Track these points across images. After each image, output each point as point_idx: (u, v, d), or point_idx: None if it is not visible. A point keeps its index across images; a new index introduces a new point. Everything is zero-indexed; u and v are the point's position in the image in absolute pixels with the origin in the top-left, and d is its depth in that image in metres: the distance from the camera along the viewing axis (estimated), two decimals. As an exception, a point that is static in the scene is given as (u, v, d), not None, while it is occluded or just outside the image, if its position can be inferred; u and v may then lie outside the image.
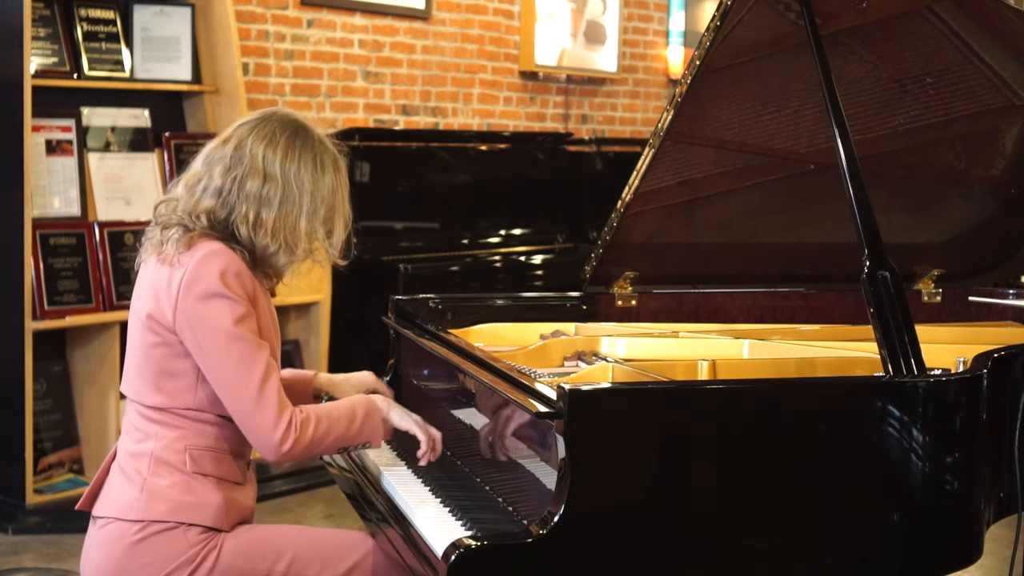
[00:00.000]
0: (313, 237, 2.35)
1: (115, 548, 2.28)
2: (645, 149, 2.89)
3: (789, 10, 2.73)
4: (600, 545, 2.02)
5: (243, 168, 2.31)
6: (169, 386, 2.30)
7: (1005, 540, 2.63)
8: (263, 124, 2.36)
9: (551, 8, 6.81)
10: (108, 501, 2.34)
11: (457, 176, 5.96)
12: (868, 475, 2.18)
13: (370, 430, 2.38)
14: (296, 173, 2.32)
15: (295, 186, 2.32)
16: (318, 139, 2.39)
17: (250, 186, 2.30)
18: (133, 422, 2.36)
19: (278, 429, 2.23)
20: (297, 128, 2.37)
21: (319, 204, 2.34)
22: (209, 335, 2.24)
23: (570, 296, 3.24)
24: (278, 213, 2.30)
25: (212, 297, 2.24)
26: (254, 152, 2.32)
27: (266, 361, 2.25)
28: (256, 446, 2.28)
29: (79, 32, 4.74)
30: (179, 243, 2.28)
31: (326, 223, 2.37)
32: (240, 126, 2.37)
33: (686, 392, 2.20)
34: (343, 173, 2.42)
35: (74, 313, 4.51)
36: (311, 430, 2.28)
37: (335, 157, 2.40)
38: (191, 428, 2.31)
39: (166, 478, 2.29)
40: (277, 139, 2.33)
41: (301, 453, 2.29)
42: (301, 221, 2.33)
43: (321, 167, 2.35)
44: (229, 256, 2.28)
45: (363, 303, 5.36)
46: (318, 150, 2.37)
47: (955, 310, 3.49)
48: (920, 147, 3.23)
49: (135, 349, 2.36)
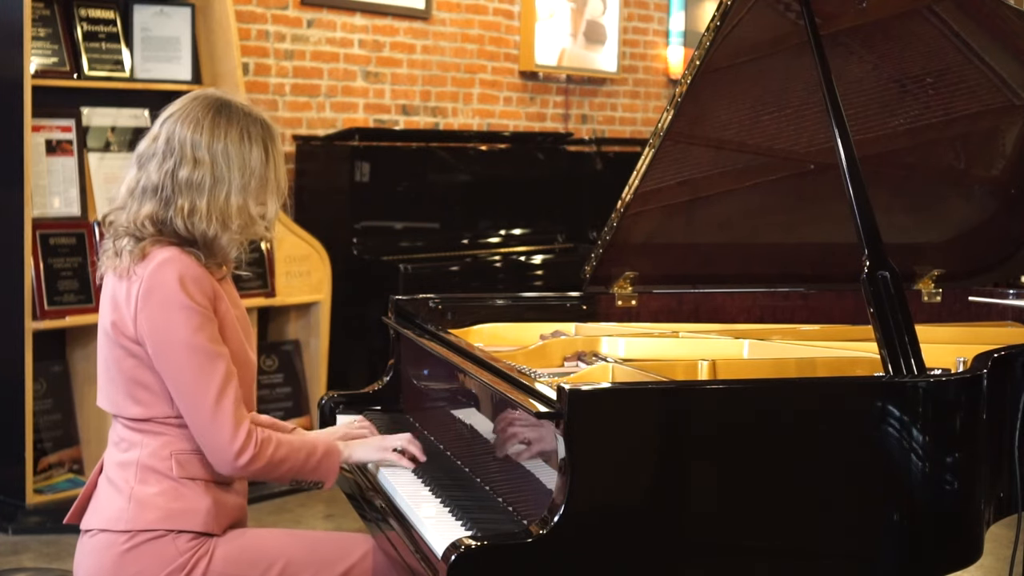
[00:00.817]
0: (246, 211, 2.32)
1: (105, 557, 2.27)
2: (645, 149, 2.89)
3: (789, 10, 2.73)
4: (600, 545, 2.02)
5: (174, 159, 2.29)
6: (144, 397, 2.29)
7: (1005, 540, 2.63)
8: (187, 110, 2.33)
9: (551, 8, 6.81)
10: (96, 512, 2.33)
11: (457, 176, 5.96)
12: (868, 475, 2.18)
13: (325, 470, 2.38)
14: (224, 150, 2.29)
15: (223, 163, 2.29)
16: (244, 112, 2.35)
17: (182, 175, 2.28)
18: (118, 433, 2.35)
19: (235, 441, 2.23)
20: (220, 106, 2.34)
21: (249, 178, 2.31)
22: (166, 345, 2.22)
23: (570, 296, 3.24)
24: (210, 195, 2.28)
25: (169, 306, 2.22)
26: (182, 140, 2.29)
27: (224, 372, 2.24)
28: (212, 459, 2.26)
29: (79, 32, 4.74)
30: (132, 254, 2.27)
31: (258, 196, 2.34)
32: (166, 119, 2.34)
33: (686, 392, 2.20)
34: (275, 142, 2.38)
35: (74, 313, 4.51)
36: (271, 450, 2.27)
37: (263, 126, 2.36)
38: (175, 433, 2.29)
39: (153, 486, 2.28)
40: (202, 122, 2.31)
41: (258, 471, 2.28)
42: (232, 197, 2.29)
43: (248, 140, 2.32)
44: (184, 261, 2.26)
45: (363, 303, 5.36)
46: (244, 123, 2.33)
47: (955, 310, 3.49)
48: (920, 147, 3.23)
49: (106, 363, 2.34)
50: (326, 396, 3.02)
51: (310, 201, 5.61)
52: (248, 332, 2.41)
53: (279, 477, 2.33)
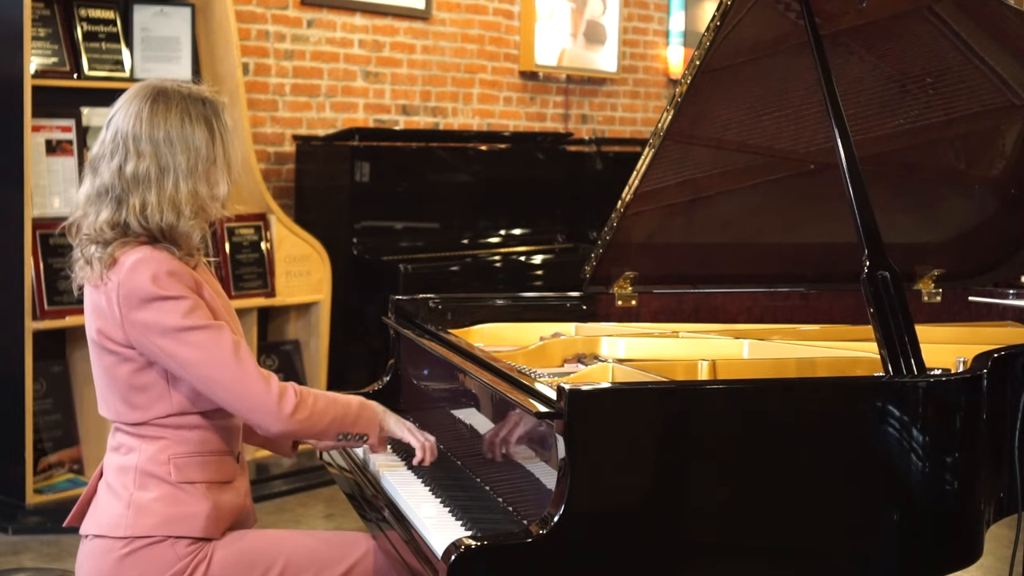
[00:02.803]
0: (197, 194, 2.28)
1: (103, 562, 2.26)
2: (645, 149, 2.89)
3: (789, 10, 2.73)
4: (600, 545, 2.02)
5: (120, 155, 2.26)
6: (142, 400, 2.27)
7: (1005, 540, 2.63)
8: (126, 105, 2.30)
9: (551, 8, 6.81)
10: (95, 518, 2.32)
11: (457, 176, 5.96)
12: (868, 475, 2.18)
13: (366, 421, 2.36)
14: (165, 137, 2.26)
15: (166, 151, 2.25)
16: (182, 95, 2.30)
17: (129, 170, 2.25)
18: (117, 438, 2.34)
19: (271, 394, 2.21)
20: (158, 93, 2.29)
21: (195, 160, 2.27)
22: (165, 338, 2.20)
23: (570, 296, 3.24)
24: (158, 187, 2.25)
25: (151, 303, 2.20)
26: (124, 134, 2.26)
27: (229, 336, 2.22)
28: (258, 419, 2.23)
29: (79, 32, 4.74)
30: (102, 261, 2.25)
31: (208, 176, 2.30)
32: (111, 117, 2.32)
33: (686, 392, 2.19)
34: (220, 118, 2.33)
35: (74, 313, 4.50)
36: (311, 400, 2.26)
37: (204, 104, 2.31)
38: (173, 436, 2.28)
39: (152, 491, 2.26)
40: (141, 112, 2.27)
41: (306, 421, 2.25)
42: (180, 183, 2.26)
43: (190, 121, 2.28)
44: (155, 258, 2.23)
45: (363, 303, 5.36)
46: (183, 105, 2.29)
47: (955, 310, 3.49)
48: (920, 147, 3.23)
49: (99, 372, 2.33)
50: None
51: (310, 201, 5.62)
52: (234, 320, 2.38)
53: (325, 429, 2.30)
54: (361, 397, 2.42)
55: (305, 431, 2.30)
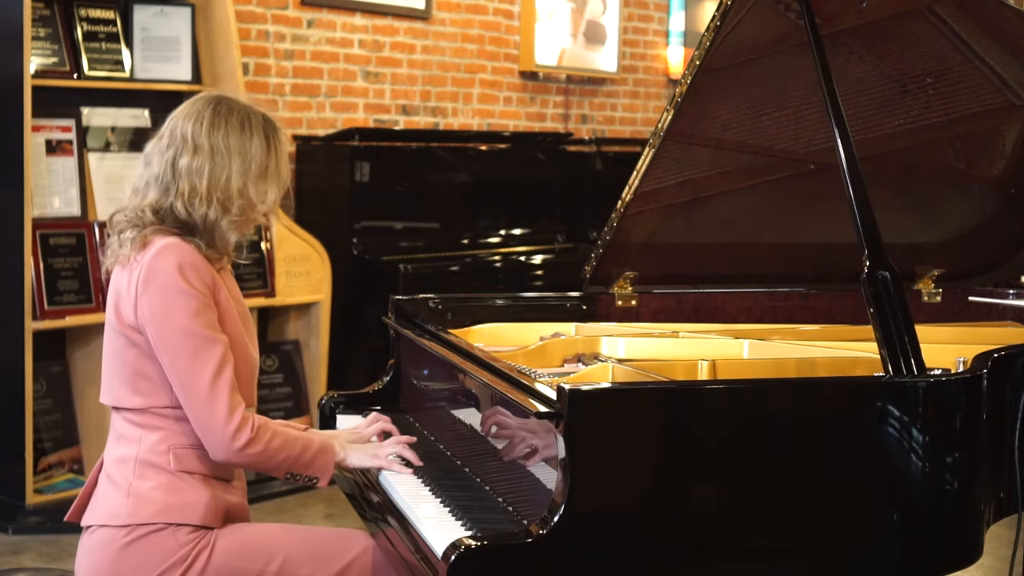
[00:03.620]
0: (246, 194, 2.36)
1: (105, 553, 2.27)
2: (645, 149, 2.89)
3: (789, 10, 2.73)
4: (600, 545, 2.02)
5: (175, 148, 2.35)
6: (146, 387, 2.31)
7: (1005, 540, 2.63)
8: (189, 106, 2.41)
9: (551, 8, 6.81)
10: (96, 509, 2.34)
11: (457, 176, 5.96)
12: (868, 475, 2.18)
13: (320, 465, 2.38)
14: (224, 137, 2.35)
15: (223, 148, 2.34)
16: (244, 106, 2.41)
17: (182, 163, 2.33)
18: (118, 429, 2.36)
19: (231, 424, 2.23)
20: (221, 99, 2.41)
21: (250, 162, 2.36)
22: (164, 330, 2.25)
23: (570, 296, 3.24)
24: (209, 178, 2.33)
25: (168, 291, 2.25)
26: (183, 132, 2.36)
27: (220, 357, 2.26)
28: (207, 443, 2.27)
29: (79, 32, 4.74)
30: (134, 243, 2.31)
31: (259, 181, 2.37)
32: (170, 118, 2.41)
33: (686, 392, 2.19)
34: (278, 136, 2.43)
35: (74, 313, 4.51)
36: (267, 437, 2.28)
37: (265, 119, 2.42)
38: (173, 427, 2.31)
39: (151, 480, 2.29)
40: (202, 113, 2.37)
41: (254, 457, 2.28)
42: (233, 179, 2.34)
43: (249, 129, 2.38)
44: (183, 249, 2.29)
45: (363, 303, 5.36)
46: (244, 114, 2.39)
47: (955, 310, 3.49)
48: (920, 147, 3.23)
49: (109, 355, 2.37)
50: (326, 396, 3.02)
51: (310, 201, 5.61)
52: (249, 327, 2.43)
53: (274, 467, 2.33)
54: (325, 438, 2.43)
55: (251, 467, 2.35)
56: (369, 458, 2.45)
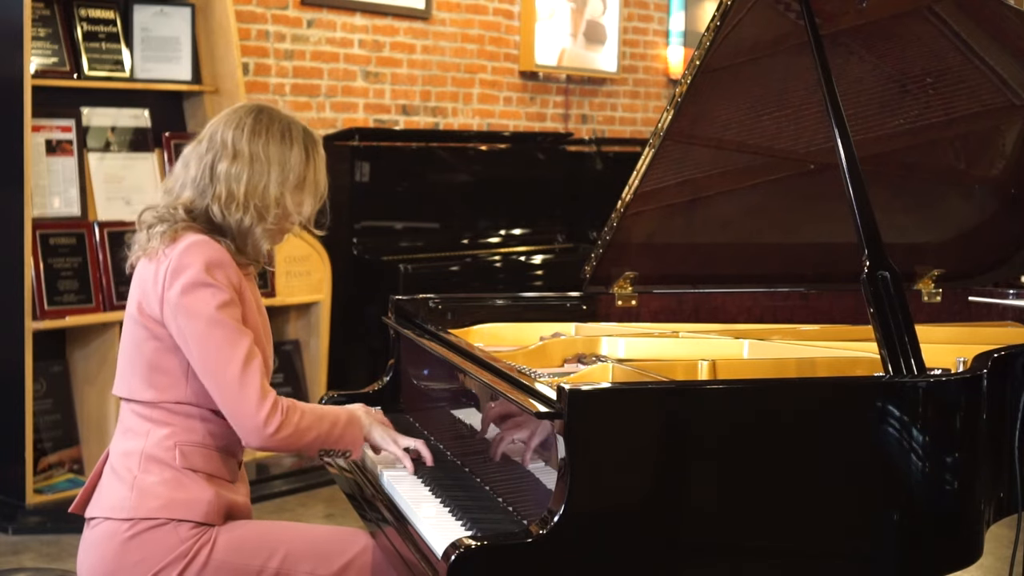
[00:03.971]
0: (283, 203, 2.38)
1: (108, 547, 2.28)
2: (645, 149, 2.89)
3: (789, 10, 2.73)
4: (600, 545, 2.02)
5: (214, 154, 2.37)
6: (160, 381, 2.32)
7: (1005, 540, 2.63)
8: (231, 114, 2.43)
9: (551, 8, 6.81)
10: (100, 501, 2.35)
11: (457, 176, 5.96)
12: (868, 475, 2.18)
13: (351, 438, 2.40)
14: (264, 146, 2.37)
15: (263, 156, 2.36)
16: (285, 117, 2.43)
17: (221, 168, 2.35)
18: (125, 422, 2.38)
19: (262, 410, 2.24)
20: (262, 109, 2.43)
21: (288, 172, 2.38)
22: (192, 322, 2.26)
23: (570, 296, 3.24)
24: (247, 184, 2.34)
25: (196, 286, 2.26)
26: (224, 138, 2.37)
27: (248, 346, 2.27)
28: (240, 431, 2.28)
29: (79, 32, 4.74)
30: (163, 236, 2.33)
31: (296, 192, 2.40)
32: (211, 123, 2.44)
33: (686, 392, 2.19)
34: (318, 149, 2.45)
35: (74, 313, 4.51)
36: (297, 418, 2.29)
37: (305, 132, 2.44)
38: (181, 424, 2.32)
39: (156, 475, 2.30)
40: (244, 121, 2.39)
41: (286, 440, 2.29)
42: (271, 188, 2.36)
43: (290, 140, 2.40)
44: (213, 247, 2.31)
45: (363, 303, 5.36)
46: (285, 124, 2.41)
47: (955, 310, 3.49)
48: (920, 147, 3.23)
49: (127, 346, 2.39)
50: (326, 396, 3.02)
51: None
52: (268, 335, 2.45)
53: (306, 446, 2.34)
54: (351, 409, 2.45)
55: (284, 449, 2.36)
56: (389, 440, 2.46)
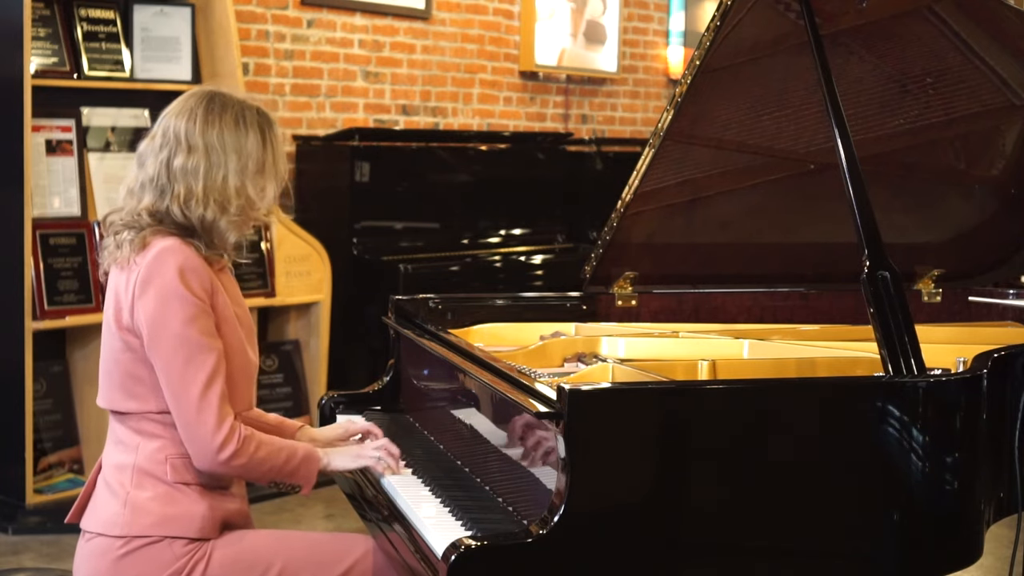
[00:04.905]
0: (244, 193, 2.33)
1: (101, 563, 2.27)
2: (645, 149, 2.89)
3: (789, 10, 2.73)
4: (600, 545, 2.02)
5: (169, 149, 2.31)
6: (138, 391, 2.29)
7: (1005, 540, 2.63)
8: (180, 104, 2.36)
9: (551, 8, 6.81)
10: (94, 515, 2.33)
11: (457, 176, 5.96)
12: (868, 475, 2.18)
13: (304, 474, 2.37)
14: (218, 135, 2.31)
15: (218, 147, 2.31)
16: (237, 101, 2.37)
17: (177, 163, 2.29)
18: (116, 434, 2.35)
19: (217, 436, 2.22)
20: (213, 96, 2.36)
21: (246, 160, 2.33)
22: (159, 334, 2.23)
23: (570, 296, 3.24)
24: (205, 179, 2.29)
25: (166, 295, 2.23)
26: (176, 131, 2.32)
27: (212, 366, 2.24)
28: (192, 451, 2.25)
29: (79, 32, 4.74)
30: (132, 244, 2.28)
31: (256, 179, 2.35)
32: (163, 116, 2.37)
33: (686, 392, 2.19)
34: (273, 131, 2.40)
35: (74, 313, 4.51)
36: (252, 448, 2.27)
37: (259, 113, 2.39)
38: (171, 436, 2.29)
39: (148, 490, 2.28)
40: (195, 111, 2.33)
41: (238, 468, 2.27)
42: (230, 178, 2.31)
43: (244, 125, 2.34)
44: (184, 251, 2.27)
45: (363, 303, 5.36)
46: (238, 109, 2.35)
47: (955, 310, 3.49)
48: (920, 147, 3.23)
49: (105, 358, 2.35)
50: (326, 396, 3.02)
51: (310, 201, 5.61)
52: (250, 330, 2.41)
53: (259, 477, 2.33)
54: (311, 448, 2.41)
55: (235, 475, 2.35)
56: (352, 459, 2.45)
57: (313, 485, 2.40)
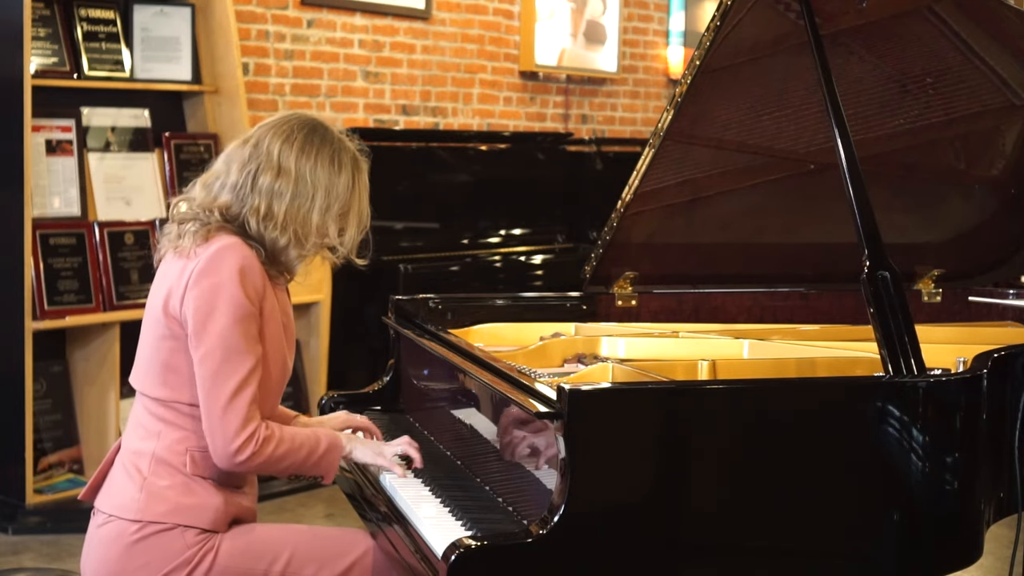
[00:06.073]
0: (324, 233, 2.35)
1: (114, 547, 2.28)
2: (645, 149, 2.89)
3: (789, 10, 2.73)
4: (600, 545, 2.02)
5: (258, 163, 2.31)
6: (173, 380, 2.31)
7: (1005, 540, 2.63)
8: (283, 123, 2.36)
9: (551, 8, 6.81)
10: (109, 496, 2.35)
11: (457, 176, 5.96)
12: (868, 475, 2.18)
13: (326, 465, 2.38)
14: (312, 169, 2.32)
15: (309, 181, 2.31)
16: (337, 138, 2.38)
17: (263, 180, 2.30)
18: (139, 417, 2.37)
19: (237, 440, 2.23)
20: (316, 126, 2.37)
21: (333, 201, 2.33)
22: (204, 328, 2.24)
23: (570, 296, 3.24)
24: (289, 206, 2.30)
25: (219, 291, 2.24)
26: (271, 148, 2.32)
27: (247, 371, 2.25)
28: (211, 448, 2.26)
29: (79, 32, 4.74)
30: (196, 235, 2.29)
31: (339, 220, 2.36)
32: (261, 126, 2.38)
33: (686, 392, 2.20)
34: (363, 174, 2.41)
35: (74, 313, 4.51)
36: (271, 448, 2.27)
37: (354, 157, 2.39)
38: (194, 428, 2.30)
39: (166, 479, 2.30)
40: (295, 136, 2.33)
41: (254, 468, 2.29)
42: (313, 215, 2.32)
43: (338, 165, 2.35)
44: (244, 251, 2.28)
45: (363, 303, 5.35)
46: (336, 147, 2.36)
47: (955, 310, 3.49)
48: (920, 147, 3.23)
49: (145, 342, 2.36)
50: (326, 396, 3.02)
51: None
52: (291, 340, 2.42)
53: (277, 473, 2.35)
54: (333, 435, 2.41)
55: (252, 473, 2.36)
56: (373, 455, 2.45)
57: (334, 475, 2.41)
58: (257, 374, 2.27)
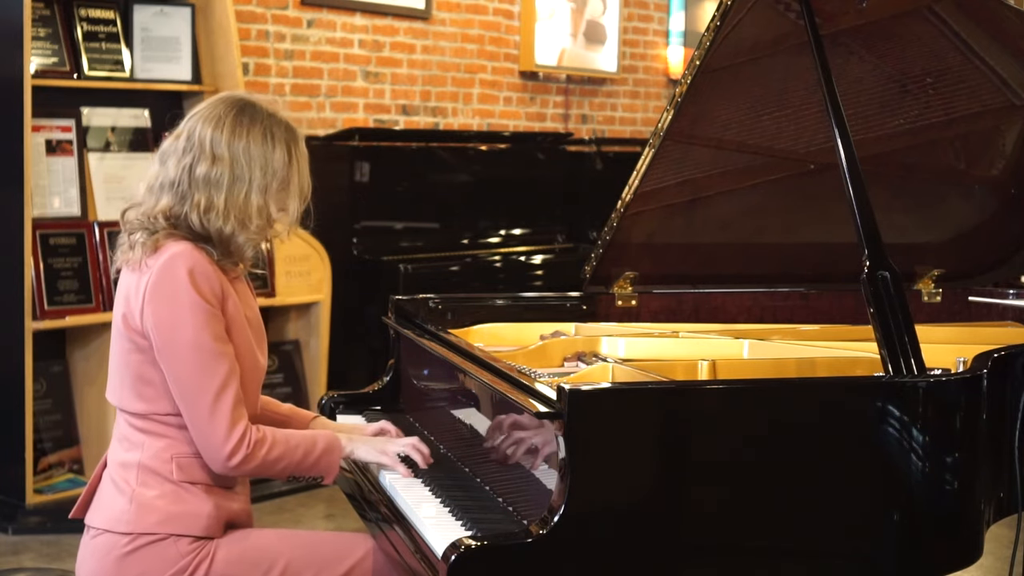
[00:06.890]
0: (265, 212, 2.33)
1: (106, 560, 2.27)
2: (645, 149, 2.89)
3: (789, 10, 2.73)
4: (600, 545, 2.02)
5: (193, 155, 2.28)
6: (148, 392, 2.29)
7: (1005, 540, 2.63)
8: (209, 108, 2.33)
9: (551, 8, 6.81)
10: (99, 511, 2.33)
11: (457, 176, 5.96)
12: (868, 475, 2.18)
13: (325, 465, 2.36)
14: (245, 148, 2.29)
15: (244, 162, 2.29)
16: (267, 114, 2.35)
17: (200, 171, 2.27)
18: (122, 431, 2.35)
19: (228, 443, 2.22)
20: (244, 106, 2.34)
21: (271, 179, 2.32)
22: (170, 341, 2.22)
23: (570, 296, 3.24)
24: (228, 193, 2.28)
25: (176, 300, 2.22)
26: (202, 136, 2.29)
27: (225, 372, 2.23)
28: (205, 456, 2.26)
29: (79, 32, 4.74)
30: (144, 247, 2.26)
31: (279, 197, 2.35)
32: (190, 117, 2.35)
33: (686, 392, 2.20)
34: (299, 145, 2.39)
35: (74, 313, 4.51)
36: (264, 451, 2.26)
37: (287, 129, 2.37)
38: (177, 435, 2.29)
39: (154, 488, 2.28)
40: (223, 119, 2.30)
41: (250, 471, 2.28)
42: (252, 196, 2.30)
43: (272, 140, 2.32)
44: (195, 256, 2.25)
45: (363, 303, 5.35)
46: (267, 124, 2.33)
47: (955, 310, 3.49)
48: (920, 147, 3.23)
49: (114, 356, 2.34)
50: (326, 396, 3.02)
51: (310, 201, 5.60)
52: (260, 334, 2.42)
53: (274, 475, 2.34)
54: (331, 436, 2.40)
55: (249, 476, 2.35)
56: (376, 453, 2.43)
57: (336, 475, 2.39)
58: (236, 374, 2.26)
